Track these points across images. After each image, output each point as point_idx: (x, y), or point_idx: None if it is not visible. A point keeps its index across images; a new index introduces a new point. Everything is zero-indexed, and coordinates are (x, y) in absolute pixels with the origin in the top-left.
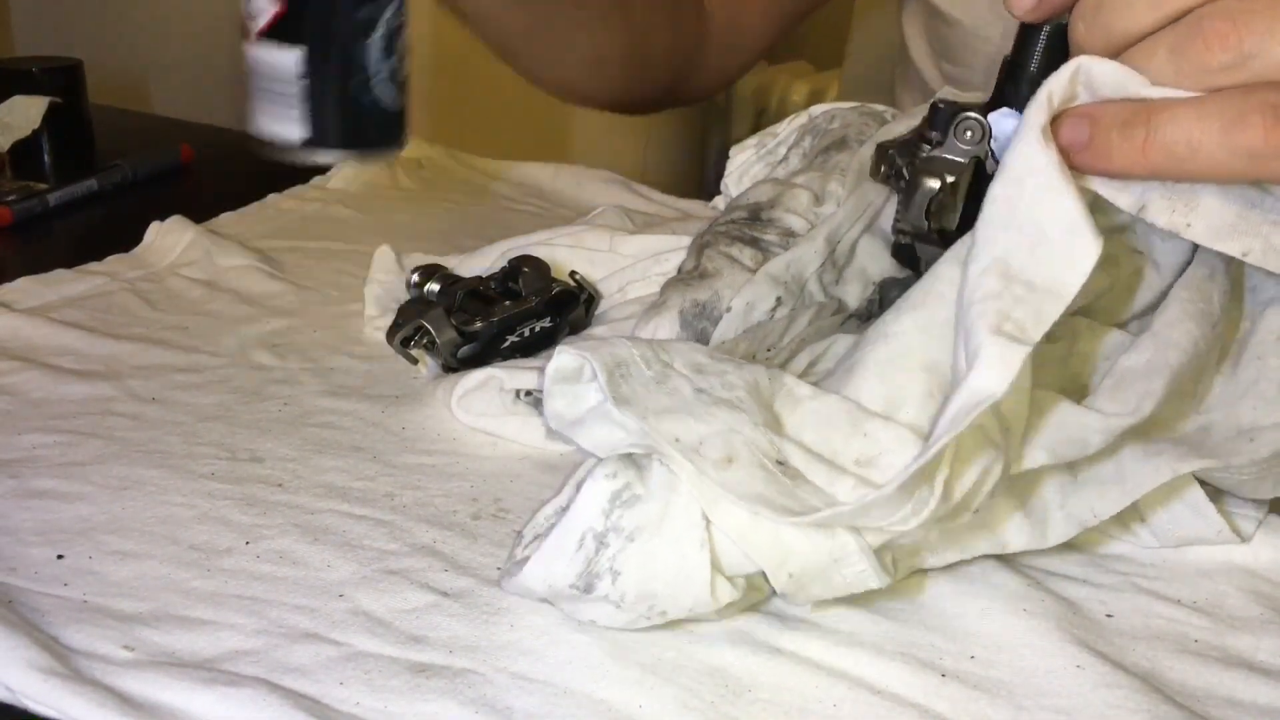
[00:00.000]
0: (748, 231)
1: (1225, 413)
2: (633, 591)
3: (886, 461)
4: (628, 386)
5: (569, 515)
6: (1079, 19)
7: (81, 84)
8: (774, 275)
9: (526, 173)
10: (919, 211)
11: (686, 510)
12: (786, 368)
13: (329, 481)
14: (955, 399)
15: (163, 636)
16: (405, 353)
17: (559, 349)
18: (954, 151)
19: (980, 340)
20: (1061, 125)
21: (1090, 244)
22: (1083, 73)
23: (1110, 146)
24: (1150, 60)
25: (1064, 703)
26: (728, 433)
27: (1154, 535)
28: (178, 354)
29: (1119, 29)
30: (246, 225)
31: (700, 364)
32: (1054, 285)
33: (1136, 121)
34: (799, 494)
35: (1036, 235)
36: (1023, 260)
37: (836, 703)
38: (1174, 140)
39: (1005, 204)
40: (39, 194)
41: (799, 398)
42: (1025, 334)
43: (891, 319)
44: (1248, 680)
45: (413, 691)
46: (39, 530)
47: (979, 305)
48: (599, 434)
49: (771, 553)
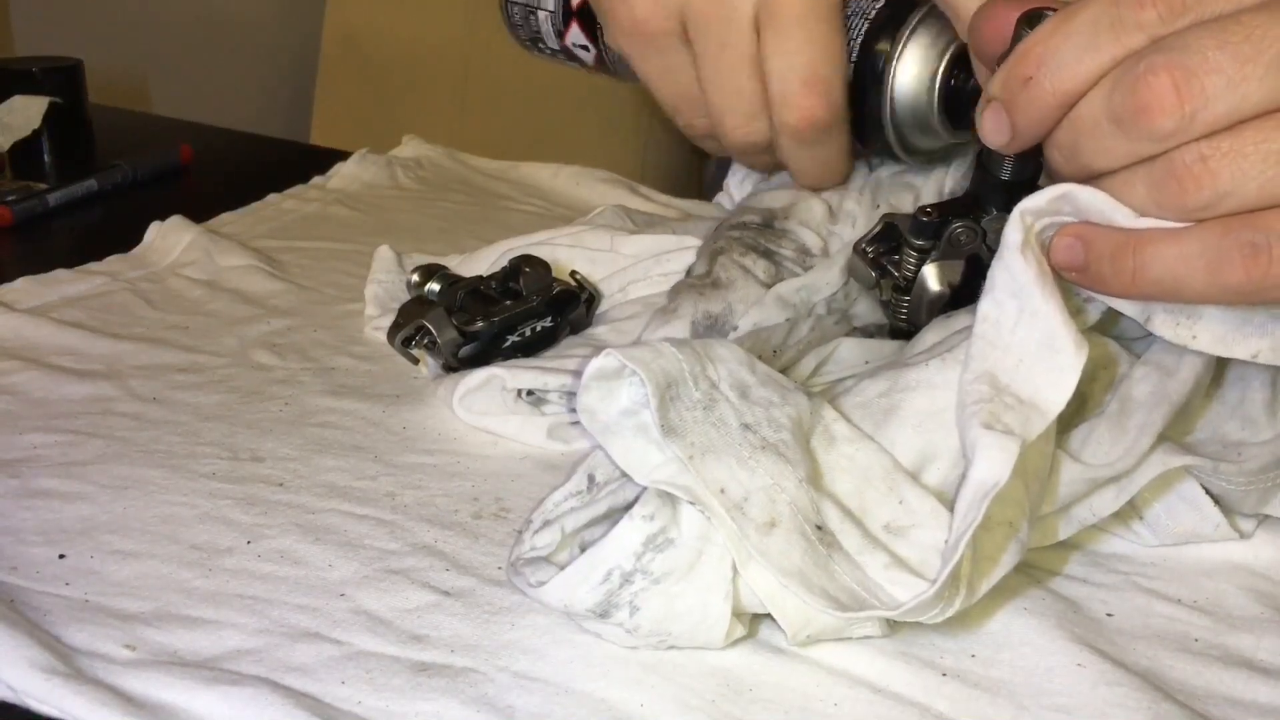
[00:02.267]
0: (762, 242)
1: (1212, 432)
2: (648, 626)
3: (916, 537)
4: (675, 412)
5: (600, 548)
6: (1055, 148)
7: (81, 84)
8: (783, 297)
9: (526, 173)
10: (929, 313)
11: (718, 561)
12: (792, 371)
13: (330, 481)
14: (963, 494)
15: (164, 636)
16: (406, 352)
17: (605, 351)
18: (950, 255)
19: (975, 436)
20: (1056, 247)
21: (1073, 358)
22: (1069, 200)
23: (1104, 275)
24: (1129, 193)
25: (1064, 701)
26: (772, 489)
27: (1153, 533)
28: (178, 354)
29: (1094, 164)
30: (246, 225)
31: (745, 385)
32: (1039, 402)
33: (1124, 254)
34: (833, 568)
35: (1020, 354)
36: (1009, 377)
37: (837, 702)
38: (1160, 276)
39: (992, 325)
40: (39, 194)
41: (835, 437)
42: (1012, 435)
43: (936, 368)
44: (1248, 679)
45: (414, 690)
46: (40, 530)
47: (971, 408)
48: (635, 450)
49: (797, 618)
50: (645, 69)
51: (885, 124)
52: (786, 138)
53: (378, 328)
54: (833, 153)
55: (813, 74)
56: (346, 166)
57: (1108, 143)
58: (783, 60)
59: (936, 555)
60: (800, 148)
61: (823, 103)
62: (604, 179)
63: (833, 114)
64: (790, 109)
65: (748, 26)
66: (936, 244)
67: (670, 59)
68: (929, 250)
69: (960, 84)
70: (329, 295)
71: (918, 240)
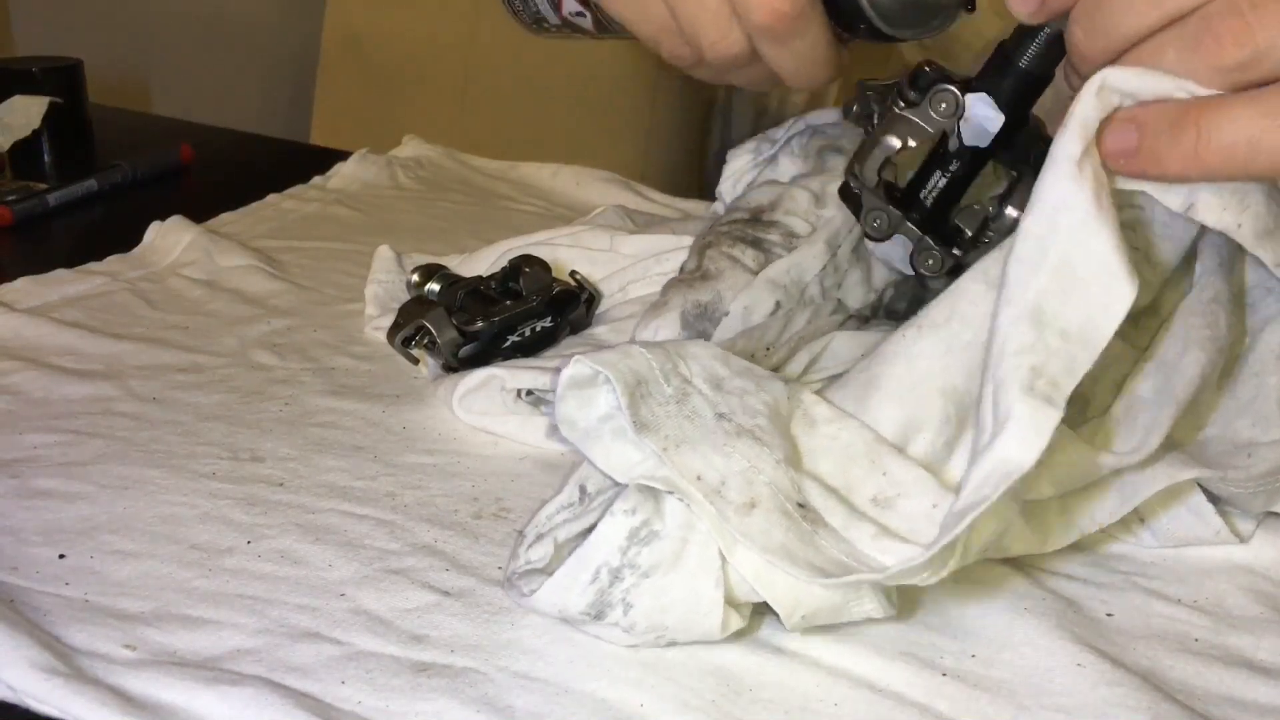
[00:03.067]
0: (750, 232)
1: (1223, 428)
2: (644, 622)
3: (904, 506)
4: (647, 409)
5: (585, 547)
6: (1076, 23)
7: (81, 84)
8: (773, 279)
9: (526, 173)
10: (873, 165)
11: (704, 548)
12: (785, 367)
13: (330, 481)
14: (983, 461)
15: (164, 636)
16: (406, 352)
17: (575, 359)
18: (924, 118)
19: (1012, 401)
20: (1105, 133)
21: (1126, 287)
22: (1109, 86)
23: (1160, 152)
24: (1159, 60)
25: (1065, 701)
26: (749, 471)
27: (1154, 536)
28: (178, 354)
29: (1120, 30)
30: (246, 225)
31: (718, 377)
32: (1087, 333)
33: (1185, 123)
34: (819, 542)
35: (1069, 277)
36: (1056, 306)
37: (838, 702)
38: (1233, 141)
39: (1036, 242)
40: (39, 194)
41: (815, 419)
42: (1057, 391)
43: (913, 338)
44: (1248, 679)
45: (414, 690)
46: (40, 530)
47: (1012, 359)
48: (615, 452)
49: (787, 597)
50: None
51: None
52: (761, 40)
53: (378, 328)
54: (811, 43)
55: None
56: (346, 166)
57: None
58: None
59: (925, 521)
60: (777, 46)
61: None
62: (604, 179)
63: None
64: (754, 9)
65: None
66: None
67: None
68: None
69: None
70: (329, 295)
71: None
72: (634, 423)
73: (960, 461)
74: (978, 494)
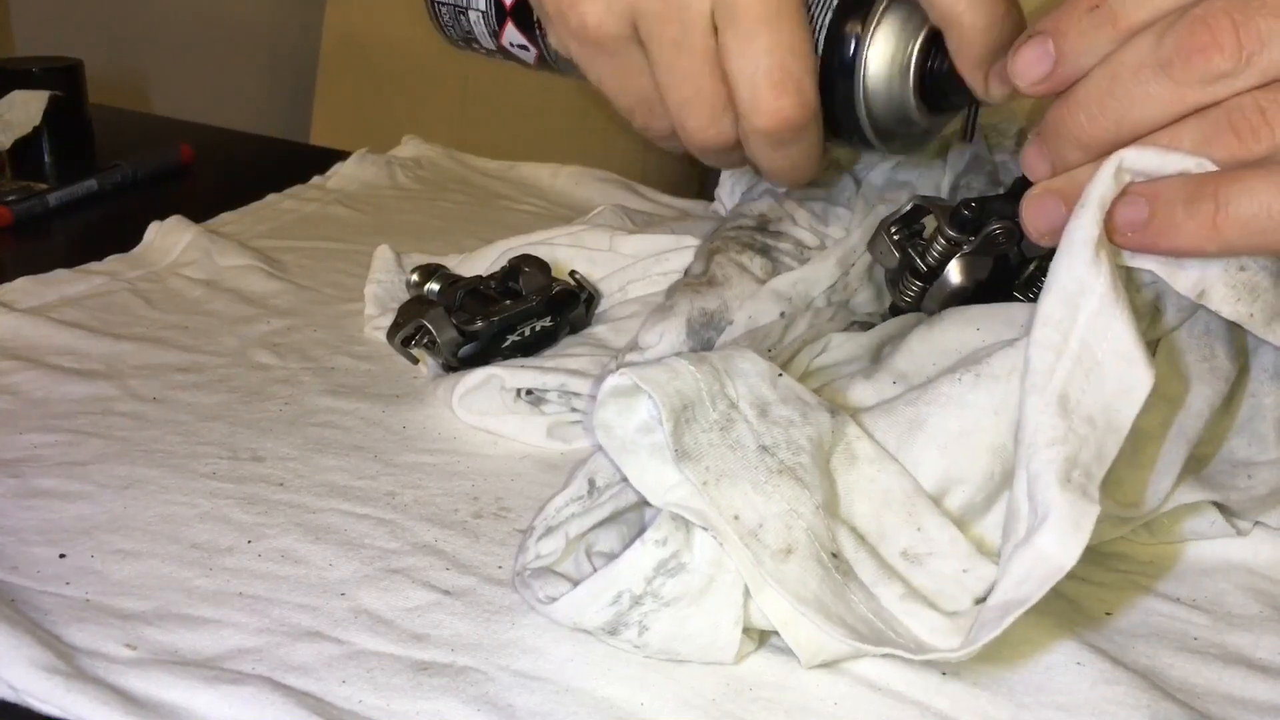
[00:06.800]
0: (759, 239)
1: (1220, 446)
2: (657, 644)
3: (934, 565)
4: (690, 436)
5: (610, 570)
6: (1079, 111)
7: (81, 84)
8: (779, 291)
9: (526, 173)
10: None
11: (730, 589)
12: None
13: (330, 480)
14: (1023, 556)
15: (165, 635)
16: (406, 352)
17: (621, 372)
18: (983, 253)
19: (1051, 497)
20: (1117, 206)
21: (1144, 374)
22: (1126, 167)
23: (1175, 223)
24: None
25: (1064, 699)
26: (789, 515)
27: (1150, 534)
28: (178, 353)
29: (1132, 119)
30: (246, 225)
31: (765, 402)
32: (1110, 418)
33: (1203, 195)
34: (850, 598)
35: (1091, 363)
36: (1079, 392)
37: (837, 701)
38: (1254, 213)
39: (1057, 329)
40: (39, 194)
41: (857, 456)
42: (1091, 482)
43: (969, 384)
44: (1247, 677)
45: (415, 690)
46: (41, 529)
47: (1045, 452)
48: (650, 470)
49: (811, 643)
50: (597, 73)
51: (859, 113)
52: (758, 140)
53: (378, 327)
54: (805, 150)
55: (783, 74)
56: (346, 166)
57: (1151, 89)
58: (748, 61)
59: (954, 585)
60: (772, 148)
61: (795, 102)
62: (604, 179)
63: (806, 112)
64: (761, 113)
65: (704, 25)
66: (971, 239)
67: (623, 62)
68: (961, 244)
69: (936, 66)
70: (329, 295)
71: (953, 233)
72: (676, 450)
73: (996, 518)
74: (1019, 590)
